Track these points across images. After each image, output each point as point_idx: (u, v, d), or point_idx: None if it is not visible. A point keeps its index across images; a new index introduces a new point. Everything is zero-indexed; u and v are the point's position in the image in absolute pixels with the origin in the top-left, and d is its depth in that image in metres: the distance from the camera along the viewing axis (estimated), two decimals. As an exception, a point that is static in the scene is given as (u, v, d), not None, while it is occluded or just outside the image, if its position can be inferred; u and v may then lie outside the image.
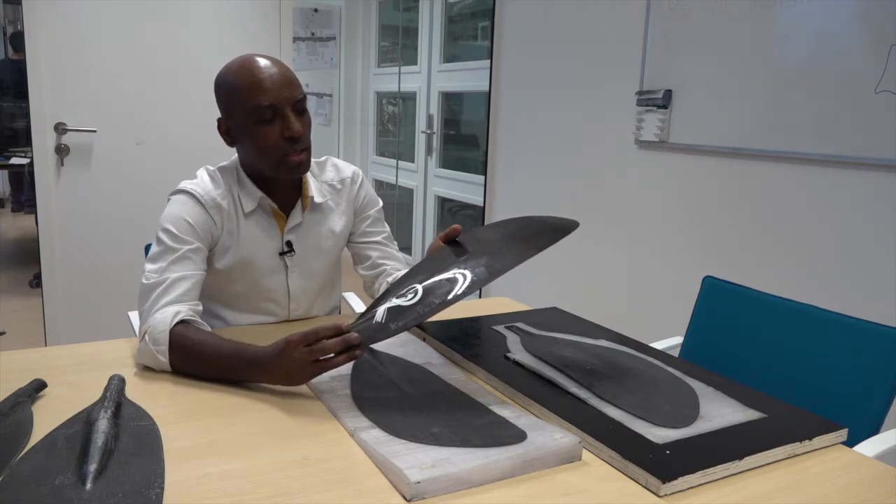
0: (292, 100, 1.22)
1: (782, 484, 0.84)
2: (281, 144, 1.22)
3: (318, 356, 0.98)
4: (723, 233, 2.15)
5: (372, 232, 1.48)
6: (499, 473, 0.82)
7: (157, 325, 1.10)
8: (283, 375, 1.01)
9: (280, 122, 1.22)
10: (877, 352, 1.25)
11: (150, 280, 1.17)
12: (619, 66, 2.46)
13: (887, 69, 1.68)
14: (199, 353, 1.07)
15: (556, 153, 2.82)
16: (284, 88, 1.21)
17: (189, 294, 1.18)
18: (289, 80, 1.23)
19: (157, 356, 1.08)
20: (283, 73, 1.23)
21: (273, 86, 1.20)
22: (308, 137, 1.27)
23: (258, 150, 1.25)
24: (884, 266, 1.74)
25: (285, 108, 1.21)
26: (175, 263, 1.19)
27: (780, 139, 1.94)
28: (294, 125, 1.21)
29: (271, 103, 1.20)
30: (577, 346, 1.24)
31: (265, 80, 1.20)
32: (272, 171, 1.27)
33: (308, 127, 1.27)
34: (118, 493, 0.73)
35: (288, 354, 0.99)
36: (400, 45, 4.58)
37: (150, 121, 2.85)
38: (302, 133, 1.23)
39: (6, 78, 5.10)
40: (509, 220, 1.22)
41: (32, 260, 3.33)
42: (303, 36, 4.69)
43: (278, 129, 1.22)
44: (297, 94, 1.23)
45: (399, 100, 4.63)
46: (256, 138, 1.23)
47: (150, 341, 1.09)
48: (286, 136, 1.22)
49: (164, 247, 1.21)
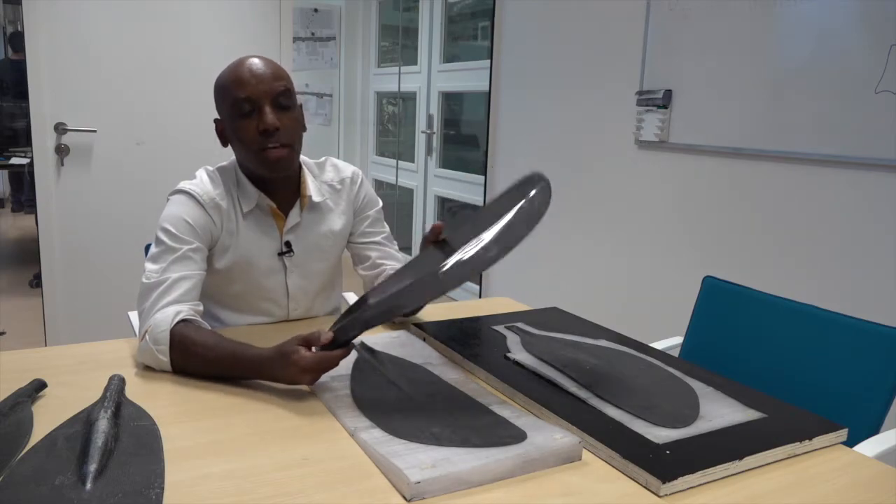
0: (271, 93, 1.21)
1: (782, 484, 0.84)
2: (256, 139, 1.22)
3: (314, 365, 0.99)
4: (723, 233, 2.15)
5: (371, 232, 1.48)
6: (499, 473, 0.82)
7: (157, 324, 1.10)
8: (283, 378, 1.02)
9: (258, 115, 1.22)
10: (877, 352, 1.25)
11: (151, 280, 1.17)
12: (619, 66, 2.46)
13: (887, 69, 1.68)
14: (199, 352, 1.07)
15: (556, 153, 2.82)
16: (263, 82, 1.21)
17: (190, 294, 1.18)
18: (270, 74, 1.22)
19: (158, 356, 1.08)
20: (267, 69, 1.22)
21: (252, 79, 1.20)
22: (291, 132, 1.25)
23: (240, 146, 1.26)
24: (884, 266, 1.74)
25: (262, 102, 1.21)
26: (176, 263, 1.19)
27: (780, 139, 1.94)
28: (267, 118, 1.20)
29: (248, 96, 1.20)
30: (577, 346, 1.24)
31: (245, 74, 1.21)
32: (256, 168, 1.27)
33: (294, 122, 1.26)
34: (118, 493, 0.73)
35: (294, 359, 0.99)
36: (400, 45, 4.58)
37: (150, 121, 2.85)
38: (277, 127, 1.21)
39: (6, 78, 5.10)
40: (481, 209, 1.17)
41: (32, 260, 3.33)
42: (303, 36, 4.69)
43: (255, 122, 1.22)
44: (278, 86, 1.22)
45: (399, 100, 4.63)
46: (237, 133, 1.24)
47: (151, 341, 1.09)
48: (260, 129, 1.21)
49: (165, 246, 1.21)
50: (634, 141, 2.42)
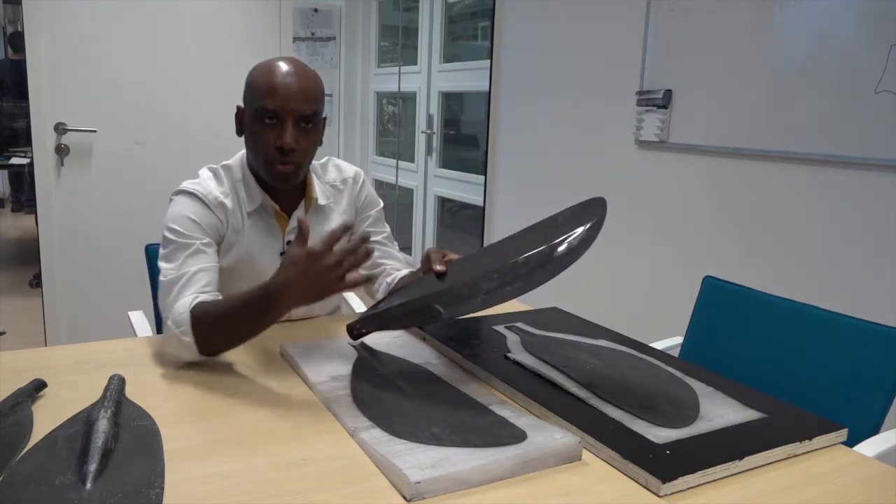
0: (298, 113, 1.22)
1: (782, 484, 0.84)
2: (271, 150, 1.23)
3: (348, 252, 1.00)
4: (723, 233, 2.15)
5: (372, 232, 1.48)
6: (499, 473, 0.82)
7: (177, 309, 1.11)
8: (308, 287, 1.01)
9: (279, 129, 1.22)
10: (877, 352, 1.25)
11: (169, 276, 1.17)
12: (619, 66, 2.46)
13: (887, 69, 1.68)
14: (219, 315, 1.08)
15: (556, 153, 2.82)
16: (293, 101, 1.21)
17: (210, 285, 1.19)
18: (303, 94, 1.22)
19: (182, 337, 1.08)
20: (302, 85, 1.22)
21: (283, 93, 1.21)
22: (305, 152, 1.26)
23: (253, 147, 1.27)
24: (884, 266, 1.74)
25: (287, 119, 1.21)
26: (191, 258, 1.20)
27: (780, 139, 1.94)
28: (286, 137, 1.21)
29: (275, 109, 1.21)
30: (577, 346, 1.24)
31: (278, 87, 1.21)
32: (261, 172, 1.29)
33: (311, 144, 1.27)
34: (118, 493, 0.73)
35: (315, 262, 0.99)
36: (400, 45, 4.58)
37: (150, 121, 2.84)
38: (293, 147, 1.22)
39: (6, 78, 5.10)
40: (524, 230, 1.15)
41: (32, 260, 3.33)
42: (303, 36, 4.68)
43: (274, 135, 1.22)
44: (306, 108, 1.22)
45: (399, 100, 4.63)
46: (254, 135, 1.25)
47: (174, 325, 1.09)
48: (276, 144, 1.22)
49: (176, 244, 1.21)
50: (634, 141, 2.42)
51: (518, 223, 3.52)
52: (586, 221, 1.02)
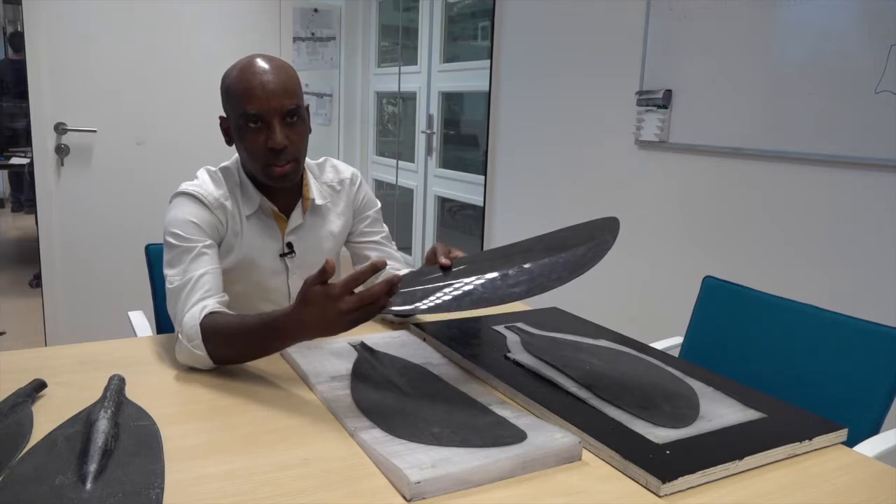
0: (281, 110, 1.20)
1: (782, 484, 0.84)
2: (264, 153, 1.22)
3: (367, 302, 0.95)
4: (723, 233, 2.15)
5: (370, 232, 1.49)
6: (499, 473, 0.82)
7: (187, 321, 1.11)
8: (321, 328, 0.99)
9: (266, 130, 1.21)
10: (877, 352, 1.25)
11: (175, 283, 1.18)
12: (619, 66, 2.46)
13: (887, 69, 1.68)
14: (230, 334, 1.08)
15: (557, 153, 2.82)
16: (274, 98, 1.19)
17: (215, 288, 1.19)
18: (282, 90, 1.20)
19: (195, 351, 1.08)
20: (278, 81, 1.20)
21: (262, 94, 1.19)
22: (298, 147, 1.25)
23: (246, 154, 1.26)
24: (884, 266, 1.74)
25: (272, 119, 1.20)
26: (194, 261, 1.20)
27: (780, 139, 1.94)
28: (276, 137, 1.20)
29: (258, 112, 1.19)
30: (577, 346, 1.24)
31: (256, 88, 1.19)
32: (260, 178, 1.28)
33: (301, 136, 1.26)
34: (118, 493, 0.73)
35: (332, 305, 0.96)
36: (400, 45, 4.58)
37: (150, 121, 2.85)
38: (285, 145, 1.21)
39: (6, 78, 5.10)
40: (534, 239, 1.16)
41: (32, 260, 3.33)
42: (303, 36, 4.68)
43: (263, 137, 1.21)
44: (288, 104, 1.21)
45: (399, 100, 4.63)
46: (244, 142, 1.24)
47: (185, 339, 1.09)
48: (268, 146, 1.21)
49: (179, 249, 1.21)
50: (634, 141, 2.42)
51: (518, 223, 3.53)
52: (607, 242, 1.07)
